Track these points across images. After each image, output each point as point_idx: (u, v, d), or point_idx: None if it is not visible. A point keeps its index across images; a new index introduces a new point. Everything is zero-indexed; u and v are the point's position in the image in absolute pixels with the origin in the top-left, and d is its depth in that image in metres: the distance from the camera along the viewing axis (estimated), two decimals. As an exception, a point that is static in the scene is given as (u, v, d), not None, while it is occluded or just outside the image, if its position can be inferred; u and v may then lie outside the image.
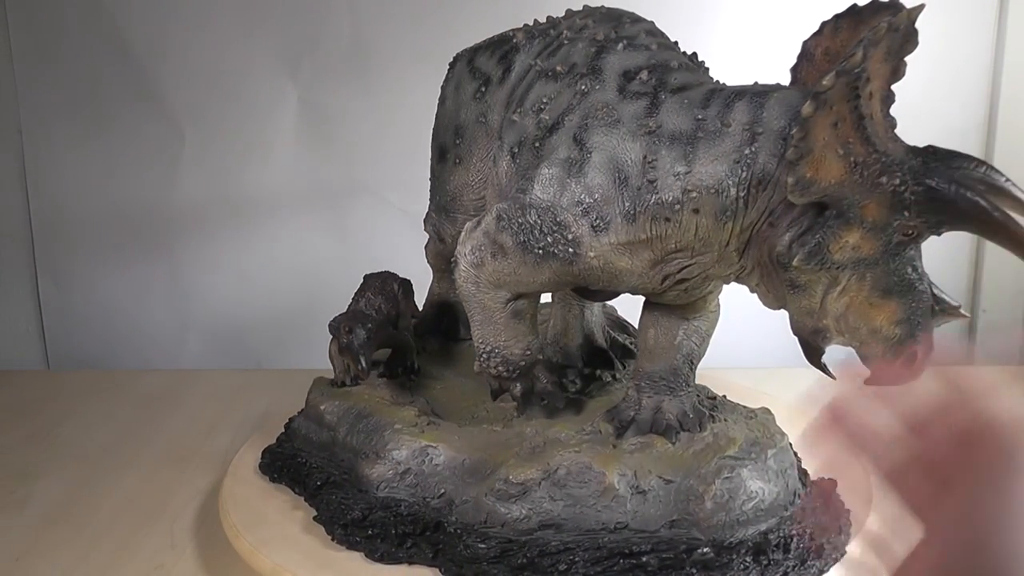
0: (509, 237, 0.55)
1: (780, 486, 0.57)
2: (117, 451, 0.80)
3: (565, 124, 0.55)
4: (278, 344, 1.08)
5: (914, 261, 0.47)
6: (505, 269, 0.56)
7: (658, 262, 0.54)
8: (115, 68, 1.01)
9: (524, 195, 0.55)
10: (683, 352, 0.61)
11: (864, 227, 0.46)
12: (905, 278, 0.47)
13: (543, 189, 0.54)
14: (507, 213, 0.55)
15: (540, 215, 0.54)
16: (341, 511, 0.59)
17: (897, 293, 0.47)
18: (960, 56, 0.97)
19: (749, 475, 0.56)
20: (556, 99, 0.56)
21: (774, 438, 0.59)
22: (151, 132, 1.03)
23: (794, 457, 0.60)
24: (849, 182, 0.46)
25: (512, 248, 0.55)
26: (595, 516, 0.55)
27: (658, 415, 0.60)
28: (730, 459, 0.56)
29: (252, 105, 1.02)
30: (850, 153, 0.46)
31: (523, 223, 0.54)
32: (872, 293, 0.48)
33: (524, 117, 0.58)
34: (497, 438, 0.61)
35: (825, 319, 0.49)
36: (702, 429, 0.59)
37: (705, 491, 0.55)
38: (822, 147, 0.46)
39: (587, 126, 0.53)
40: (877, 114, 0.46)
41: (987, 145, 0.99)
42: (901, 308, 0.47)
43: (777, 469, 0.57)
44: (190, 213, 1.06)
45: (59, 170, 1.05)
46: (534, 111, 0.57)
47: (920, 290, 0.47)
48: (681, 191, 0.50)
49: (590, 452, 0.57)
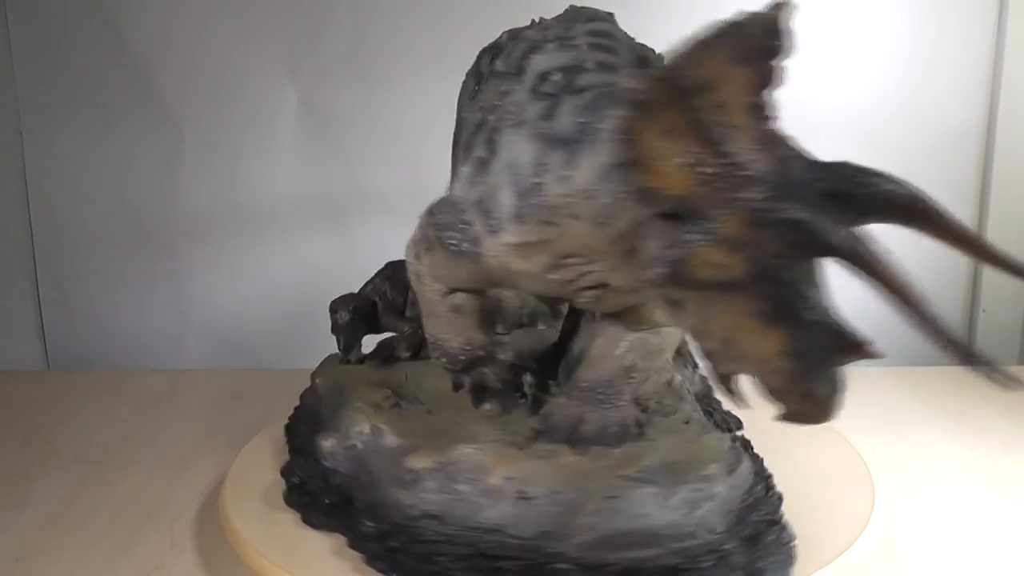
0: (433, 232, 0.56)
1: (680, 516, 0.53)
2: (117, 451, 0.80)
3: (487, 123, 0.54)
4: (279, 345, 1.08)
5: (801, 287, 0.42)
6: (435, 263, 0.57)
7: (554, 266, 0.52)
8: (115, 68, 1.01)
9: (448, 192, 0.56)
10: (623, 364, 0.59)
11: (725, 244, 0.42)
12: (788, 306, 0.42)
13: (460, 187, 0.54)
14: (434, 209, 0.56)
15: (453, 213, 0.54)
16: (289, 473, 0.64)
17: (781, 322, 0.42)
18: (960, 56, 0.97)
19: (641, 498, 0.53)
20: (489, 98, 0.56)
21: (705, 467, 0.55)
22: (151, 132, 1.03)
23: (728, 493, 0.56)
24: (701, 194, 0.42)
25: (435, 243, 0.56)
26: (475, 514, 0.55)
27: (579, 425, 0.59)
28: (626, 478, 0.54)
29: (253, 106, 1.02)
30: (699, 163, 0.42)
31: (441, 220, 0.55)
32: (752, 318, 0.42)
33: (472, 115, 0.58)
34: (439, 427, 0.61)
35: (712, 342, 0.45)
36: (618, 445, 0.57)
37: (583, 506, 0.53)
38: (655, 156, 0.42)
39: (498, 127, 0.53)
40: (740, 123, 0.42)
41: (987, 145, 0.99)
42: (787, 339, 0.42)
43: (689, 499, 0.54)
44: (191, 212, 1.06)
45: (59, 170, 1.05)
46: (479, 110, 0.57)
47: (810, 321, 0.42)
48: (562, 195, 0.49)
49: (492, 451, 0.57)
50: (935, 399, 0.86)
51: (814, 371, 0.42)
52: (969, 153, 1.00)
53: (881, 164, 0.44)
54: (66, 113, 1.03)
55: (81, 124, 1.03)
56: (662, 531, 0.53)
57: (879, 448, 0.73)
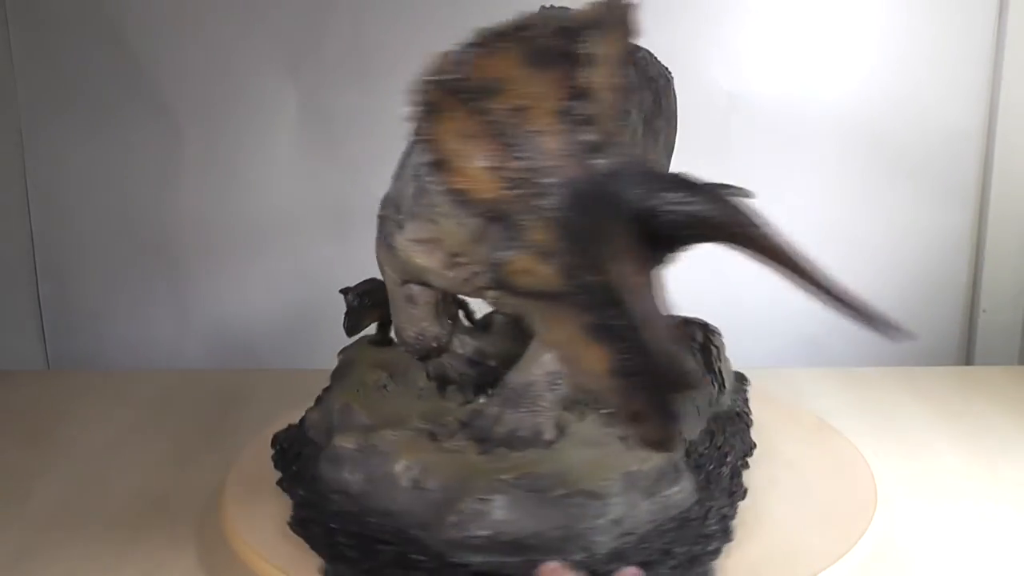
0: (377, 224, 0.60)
1: (551, 528, 0.53)
2: (117, 451, 0.80)
3: None
4: (280, 345, 1.07)
5: (626, 304, 0.40)
6: (381, 255, 0.61)
7: (450, 264, 0.53)
8: (115, 68, 1.01)
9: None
10: (547, 369, 0.60)
11: (535, 252, 0.41)
12: (610, 324, 0.40)
13: (392, 184, 0.58)
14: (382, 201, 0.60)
15: (383, 207, 0.59)
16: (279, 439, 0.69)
17: (604, 338, 0.40)
18: (960, 56, 0.97)
19: (503, 503, 0.53)
20: None
21: (597, 483, 0.54)
22: (151, 132, 1.03)
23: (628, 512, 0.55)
24: (507, 199, 0.41)
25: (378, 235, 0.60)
26: (375, 497, 0.57)
27: (495, 426, 0.59)
28: (506, 483, 0.54)
29: (253, 106, 1.02)
30: (501, 168, 0.41)
31: (380, 213, 0.59)
32: (582, 331, 0.41)
33: None
34: (404, 411, 0.63)
35: (559, 354, 0.44)
36: (523, 449, 0.58)
37: (457, 504, 0.53)
38: (459, 157, 0.41)
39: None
40: (547, 128, 0.41)
41: (987, 145, 0.99)
42: (612, 357, 0.41)
43: (570, 513, 0.53)
44: (191, 212, 1.06)
45: (59, 170, 1.05)
46: None
47: (634, 341, 0.40)
48: (438, 193, 0.48)
49: (408, 439, 0.59)
50: (935, 399, 0.86)
51: (641, 394, 0.40)
52: (969, 153, 1.00)
53: (881, 164, 0.43)
54: (66, 113, 1.03)
55: (81, 124, 1.03)
56: (527, 540, 0.53)
57: (880, 448, 0.73)
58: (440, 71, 0.41)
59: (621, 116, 0.42)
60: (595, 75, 0.41)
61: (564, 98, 0.40)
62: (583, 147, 0.40)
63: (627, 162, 0.41)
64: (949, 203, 1.01)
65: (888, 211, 1.01)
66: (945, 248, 1.02)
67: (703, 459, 0.64)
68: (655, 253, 0.41)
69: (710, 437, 0.66)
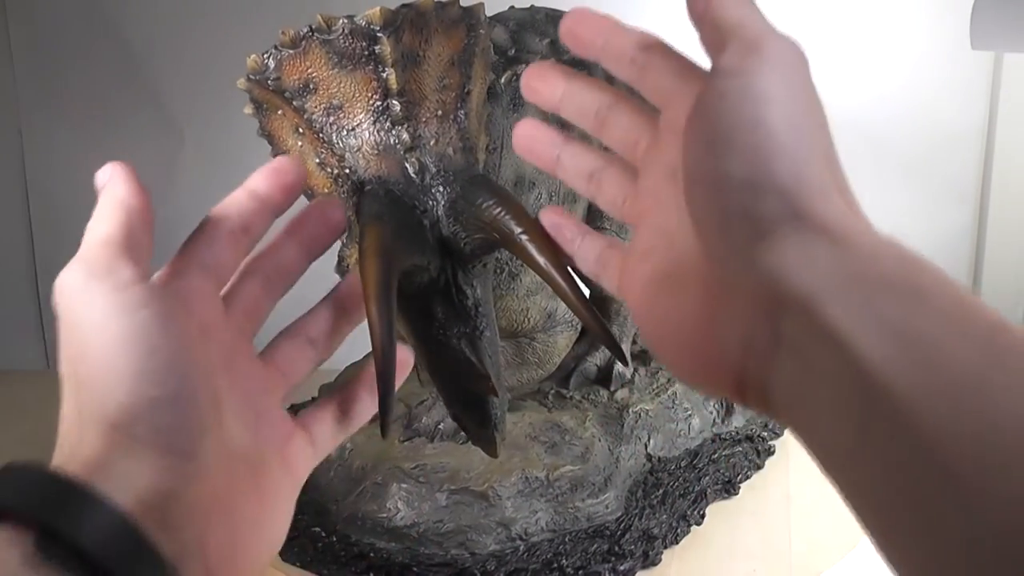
0: None
1: (425, 520, 0.55)
2: (117, 451, 0.80)
3: None
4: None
5: (437, 305, 0.41)
6: None
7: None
8: (115, 68, 1.01)
9: None
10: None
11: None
12: (421, 323, 0.41)
13: None
14: None
15: None
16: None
17: (419, 338, 0.42)
18: (960, 56, 0.97)
19: (397, 490, 0.56)
20: None
21: (485, 483, 0.55)
22: (151, 132, 1.03)
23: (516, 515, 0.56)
24: (336, 194, 0.42)
25: None
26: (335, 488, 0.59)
27: (424, 416, 0.61)
28: (398, 469, 0.57)
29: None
30: (326, 164, 0.42)
31: None
32: (408, 330, 0.42)
33: None
34: None
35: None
36: (434, 441, 0.59)
37: (357, 486, 0.57)
38: (295, 152, 0.43)
39: None
40: (364, 127, 0.42)
41: (987, 146, 0.99)
42: (427, 357, 0.42)
43: (449, 507, 0.55)
44: (190, 212, 1.05)
45: (59, 170, 1.05)
46: None
47: (440, 342, 0.41)
48: None
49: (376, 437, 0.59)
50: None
51: (455, 395, 0.42)
52: (969, 153, 1.00)
53: (882, 165, 0.43)
54: (66, 113, 1.03)
55: (81, 124, 1.03)
56: (404, 529, 0.55)
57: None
58: (258, 72, 0.42)
59: (449, 114, 0.42)
60: (415, 75, 0.42)
61: (376, 97, 0.41)
62: (397, 145, 0.41)
63: (440, 161, 0.41)
64: (949, 203, 1.01)
65: (888, 211, 1.00)
66: (945, 248, 1.02)
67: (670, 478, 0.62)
68: (452, 257, 0.41)
69: (691, 457, 0.64)
